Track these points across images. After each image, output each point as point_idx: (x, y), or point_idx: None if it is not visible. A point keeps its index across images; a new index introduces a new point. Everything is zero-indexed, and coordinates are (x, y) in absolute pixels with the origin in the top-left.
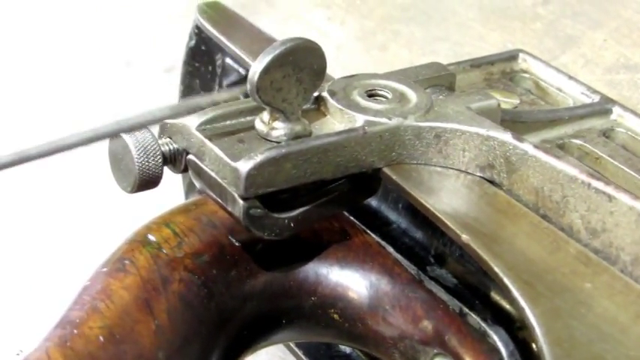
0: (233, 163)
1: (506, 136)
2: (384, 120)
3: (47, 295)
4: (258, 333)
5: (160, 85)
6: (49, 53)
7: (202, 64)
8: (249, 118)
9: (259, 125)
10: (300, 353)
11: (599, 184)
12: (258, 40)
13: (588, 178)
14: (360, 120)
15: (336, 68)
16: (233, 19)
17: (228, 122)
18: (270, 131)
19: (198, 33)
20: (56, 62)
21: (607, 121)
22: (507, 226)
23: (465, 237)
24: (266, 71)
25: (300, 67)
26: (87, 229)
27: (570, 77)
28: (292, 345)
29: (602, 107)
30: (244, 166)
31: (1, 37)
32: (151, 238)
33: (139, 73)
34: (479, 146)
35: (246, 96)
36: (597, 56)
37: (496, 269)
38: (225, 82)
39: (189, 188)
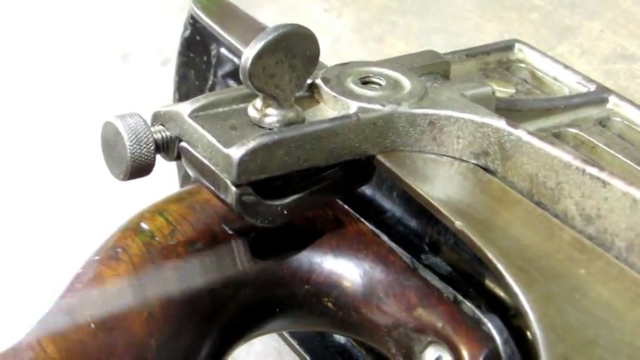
0: (225, 150)
1: (501, 123)
2: (377, 107)
3: (40, 285)
4: (252, 322)
5: (157, 78)
6: (45, 46)
7: (197, 55)
8: (241, 105)
9: (252, 112)
10: (294, 343)
11: (593, 170)
12: (252, 29)
13: (583, 164)
14: (353, 107)
15: (332, 60)
16: (228, 9)
17: (220, 109)
18: (262, 118)
19: (193, 23)
20: (53, 55)
21: (603, 110)
22: (501, 213)
23: (458, 224)
24: (259, 57)
25: (293, 53)
26: (79, 218)
27: (566, 67)
28: (287, 335)
29: (599, 96)
30: (237, 152)
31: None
32: (144, 226)
33: (136, 66)
34: (473, 133)
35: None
36: (594, 46)
37: (490, 255)
38: (219, 73)
39: (185, 180)
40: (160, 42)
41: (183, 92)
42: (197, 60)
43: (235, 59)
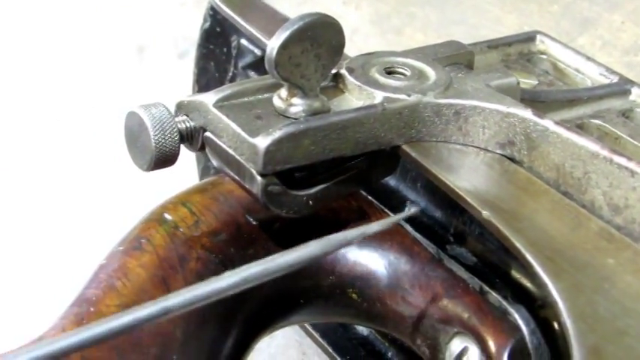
0: (251, 139)
1: (527, 113)
2: (403, 97)
3: (61, 277)
4: (276, 313)
5: (173, 70)
6: (63, 40)
7: (217, 46)
8: (266, 95)
9: (277, 102)
10: (316, 335)
11: (621, 160)
12: (274, 20)
13: (610, 154)
14: (378, 97)
15: (352, 52)
16: (248, 0)
17: (245, 99)
18: (288, 107)
19: (213, 15)
20: (70, 49)
21: (626, 102)
22: (528, 203)
23: (485, 213)
24: (284, 46)
25: (319, 42)
26: (100, 210)
27: (588, 58)
28: (309, 327)
29: (621, 88)
30: (263, 142)
31: (17, 25)
32: (168, 217)
33: (152, 59)
34: (499, 123)
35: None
36: (615, 38)
37: (518, 245)
38: (240, 64)
39: (204, 172)
40: (177, 35)
41: (203, 84)
42: (217, 51)
43: (256, 50)
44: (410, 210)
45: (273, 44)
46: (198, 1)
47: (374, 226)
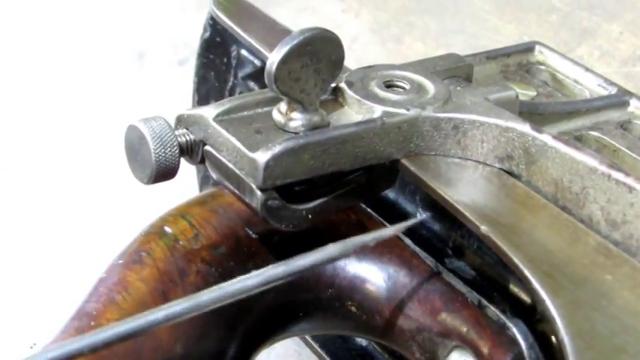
0: (251, 154)
1: (526, 127)
2: (402, 111)
3: (60, 289)
4: (276, 325)
5: (173, 77)
6: (62, 45)
7: (217, 56)
8: (266, 109)
9: (277, 116)
10: (316, 346)
11: (619, 176)
12: (273, 31)
13: (608, 170)
14: (378, 111)
15: (350, 60)
16: (248, 10)
17: (245, 113)
18: (287, 122)
19: (213, 24)
20: (69, 55)
21: (624, 113)
22: (526, 217)
23: (484, 228)
24: (284, 61)
25: (319, 57)
26: (100, 222)
27: (587, 69)
28: (308, 338)
29: (620, 99)
30: (262, 156)
31: (17, 30)
32: (168, 230)
33: (152, 66)
34: (497, 137)
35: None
36: (613, 48)
37: (516, 260)
38: (240, 74)
39: (203, 181)
40: (177, 41)
41: (203, 94)
42: (217, 61)
43: (256, 61)
44: (422, 216)
45: (273, 59)
46: (198, 7)
47: (388, 231)
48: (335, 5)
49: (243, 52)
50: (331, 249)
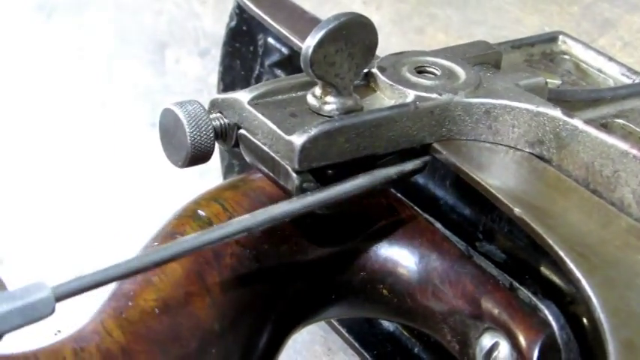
0: (287, 137)
1: (556, 112)
2: (434, 95)
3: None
4: (309, 308)
5: (195, 68)
6: (84, 38)
7: (243, 45)
8: (300, 93)
9: (311, 100)
10: (343, 331)
11: None
12: (302, 19)
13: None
14: (410, 95)
15: None
16: None
17: (279, 97)
18: (322, 105)
19: (240, 13)
20: (92, 46)
21: None
22: (558, 200)
23: (517, 210)
24: (320, 45)
25: (353, 42)
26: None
27: (610, 58)
28: (335, 322)
29: None
30: (299, 139)
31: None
32: (201, 213)
33: (174, 57)
34: (528, 122)
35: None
36: (635, 39)
37: (550, 242)
38: (267, 62)
39: (228, 170)
40: (198, 33)
41: (228, 82)
42: (243, 50)
43: (283, 49)
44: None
45: (309, 43)
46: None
47: (409, 165)
48: None
49: (270, 40)
50: (361, 180)
